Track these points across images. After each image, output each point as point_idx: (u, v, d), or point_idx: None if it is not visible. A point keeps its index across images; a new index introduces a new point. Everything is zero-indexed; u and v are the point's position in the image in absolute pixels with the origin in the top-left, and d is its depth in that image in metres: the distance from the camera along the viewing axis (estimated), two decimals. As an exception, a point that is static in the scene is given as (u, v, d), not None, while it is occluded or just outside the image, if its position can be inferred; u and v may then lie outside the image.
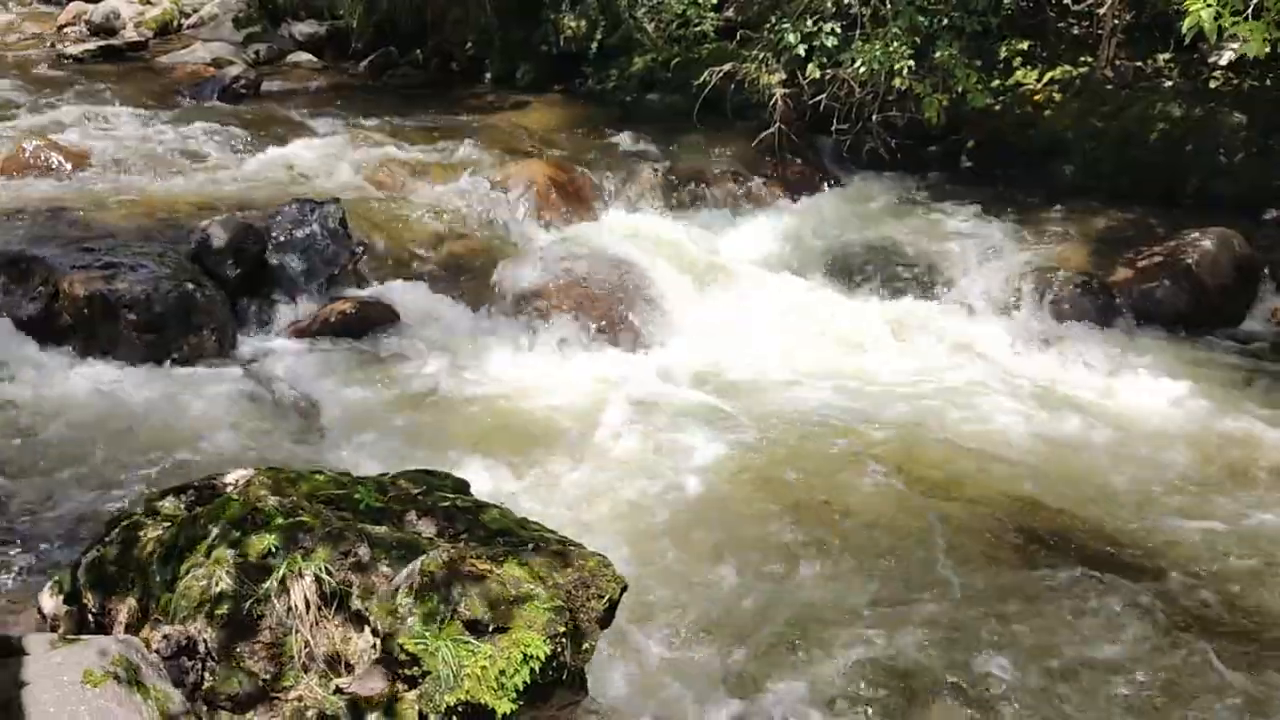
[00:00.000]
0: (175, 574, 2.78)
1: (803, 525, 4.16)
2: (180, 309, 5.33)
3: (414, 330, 5.85)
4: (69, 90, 9.12)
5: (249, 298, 5.83)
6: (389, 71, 10.27)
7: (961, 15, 7.60)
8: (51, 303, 5.35)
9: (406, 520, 2.96)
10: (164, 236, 6.03)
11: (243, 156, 7.59)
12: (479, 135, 8.37)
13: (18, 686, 2.21)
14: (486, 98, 9.56)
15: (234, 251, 5.86)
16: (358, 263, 6.29)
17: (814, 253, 6.85)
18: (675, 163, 7.85)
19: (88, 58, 10.17)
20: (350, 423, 4.92)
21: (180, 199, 6.67)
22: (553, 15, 9.48)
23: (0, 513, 3.92)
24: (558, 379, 5.44)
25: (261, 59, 10.31)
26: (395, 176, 7.46)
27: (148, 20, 10.97)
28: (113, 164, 7.20)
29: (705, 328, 6.04)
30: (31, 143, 7.22)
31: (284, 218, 6.21)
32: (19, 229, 6.08)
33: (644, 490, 4.31)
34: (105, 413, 4.68)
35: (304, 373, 5.29)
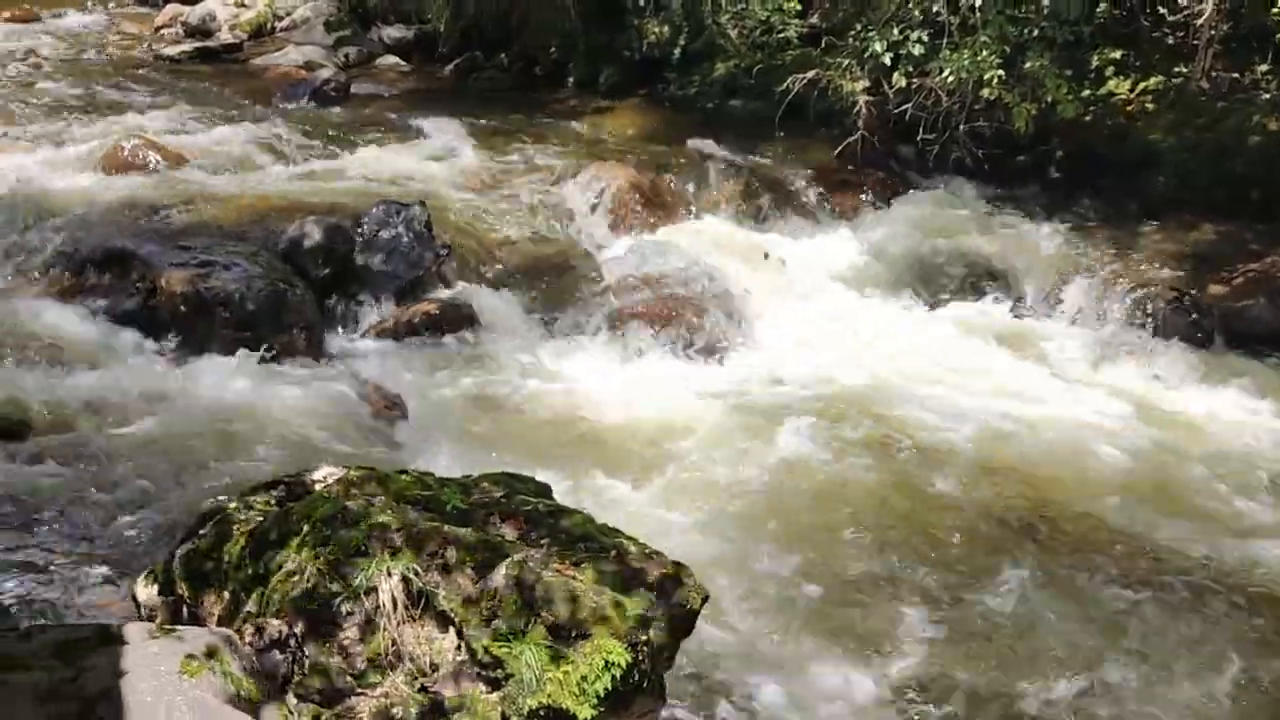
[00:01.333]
0: (267, 569, 2.84)
1: (882, 537, 4.14)
2: (272, 307, 5.46)
3: (493, 333, 5.93)
4: (166, 90, 9.39)
5: (336, 297, 5.96)
6: (474, 75, 10.40)
7: (1053, 24, 7.47)
8: (149, 298, 5.52)
9: (490, 523, 2.99)
10: (256, 235, 6.18)
11: (332, 158, 7.74)
12: (561, 139, 8.44)
13: (117, 675, 2.28)
14: (569, 102, 9.63)
15: (323, 252, 6.00)
16: (441, 265, 6.39)
17: (897, 263, 6.78)
18: (757, 169, 7.83)
19: (184, 59, 10.47)
20: (431, 423, 5.00)
21: (271, 199, 6.82)
22: (636, 20, 9.52)
23: (97, 503, 4.04)
24: (635, 385, 5.47)
25: (351, 62, 10.51)
26: (478, 179, 7.55)
27: (242, 23, 11.25)
28: (208, 164, 7.39)
29: (785, 336, 6.03)
30: (131, 141, 7.44)
31: (371, 219, 6.33)
32: (119, 225, 6.27)
33: (720, 498, 4.32)
34: (199, 407, 4.80)
35: (388, 372, 5.40)
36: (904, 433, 4.93)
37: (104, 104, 8.80)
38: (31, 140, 7.53)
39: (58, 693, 2.23)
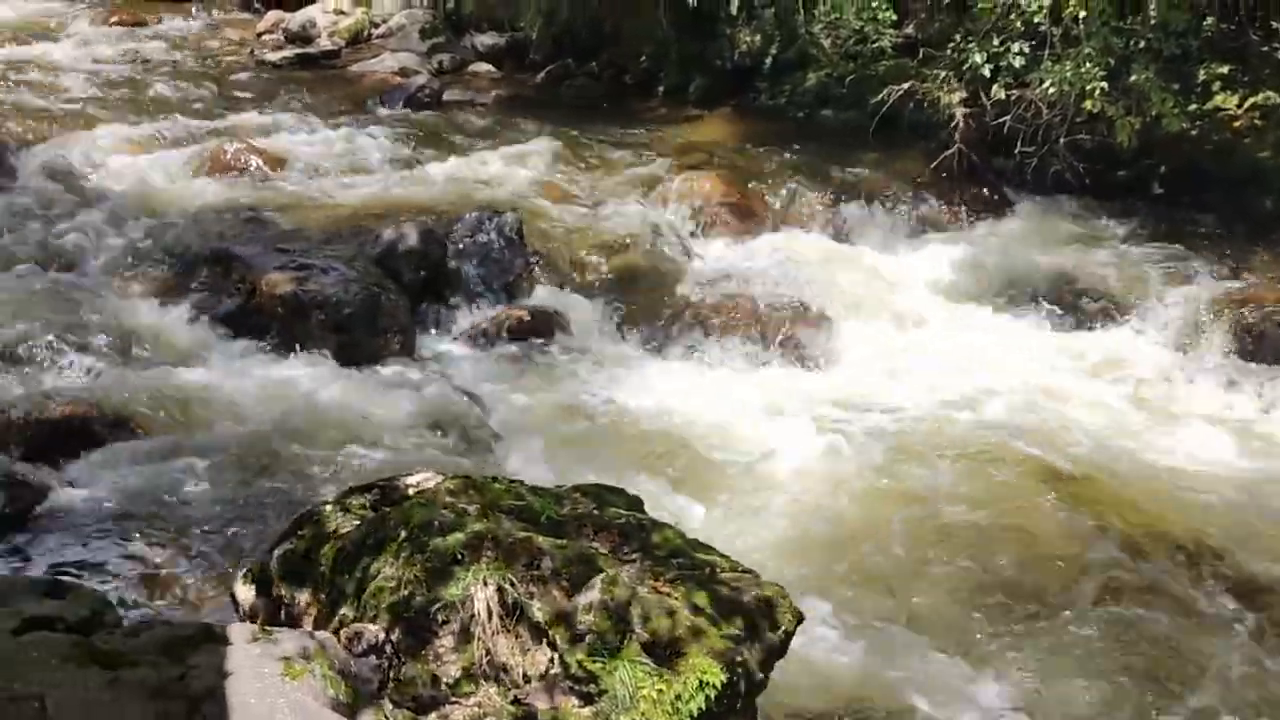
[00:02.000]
0: (364, 574, 2.88)
1: (975, 564, 4.04)
2: (368, 311, 5.56)
3: (582, 340, 5.97)
4: (267, 95, 9.64)
5: (429, 302, 6.05)
6: (565, 82, 10.48)
7: (1159, 37, 7.26)
8: (249, 299, 5.66)
9: (583, 535, 2.99)
10: (352, 239, 6.30)
11: (426, 163, 7.87)
12: (651, 148, 8.46)
13: (221, 675, 2.33)
14: (659, 110, 9.65)
15: (417, 257, 6.09)
16: (531, 271, 6.44)
17: (992, 278, 6.64)
18: (848, 181, 7.75)
19: (285, 64, 10.73)
20: (520, 429, 5.03)
21: (367, 203, 6.96)
22: (728, 30, 9.50)
23: (200, 499, 4.14)
24: (722, 396, 5.43)
25: (444, 69, 10.67)
26: (568, 187, 7.61)
27: (341, 29, 11.50)
28: (306, 168, 7.57)
29: (875, 350, 5.95)
30: (232, 145, 7.66)
31: (464, 226, 6.41)
32: (220, 228, 6.46)
33: (809, 517, 4.26)
34: (295, 407, 4.90)
35: (478, 378, 5.45)
36: (995, 455, 4.81)
37: (208, 107, 9.06)
38: (140, 142, 7.79)
39: (165, 690, 2.28)
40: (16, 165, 7.31)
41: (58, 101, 8.72)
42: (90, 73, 9.79)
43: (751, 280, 6.32)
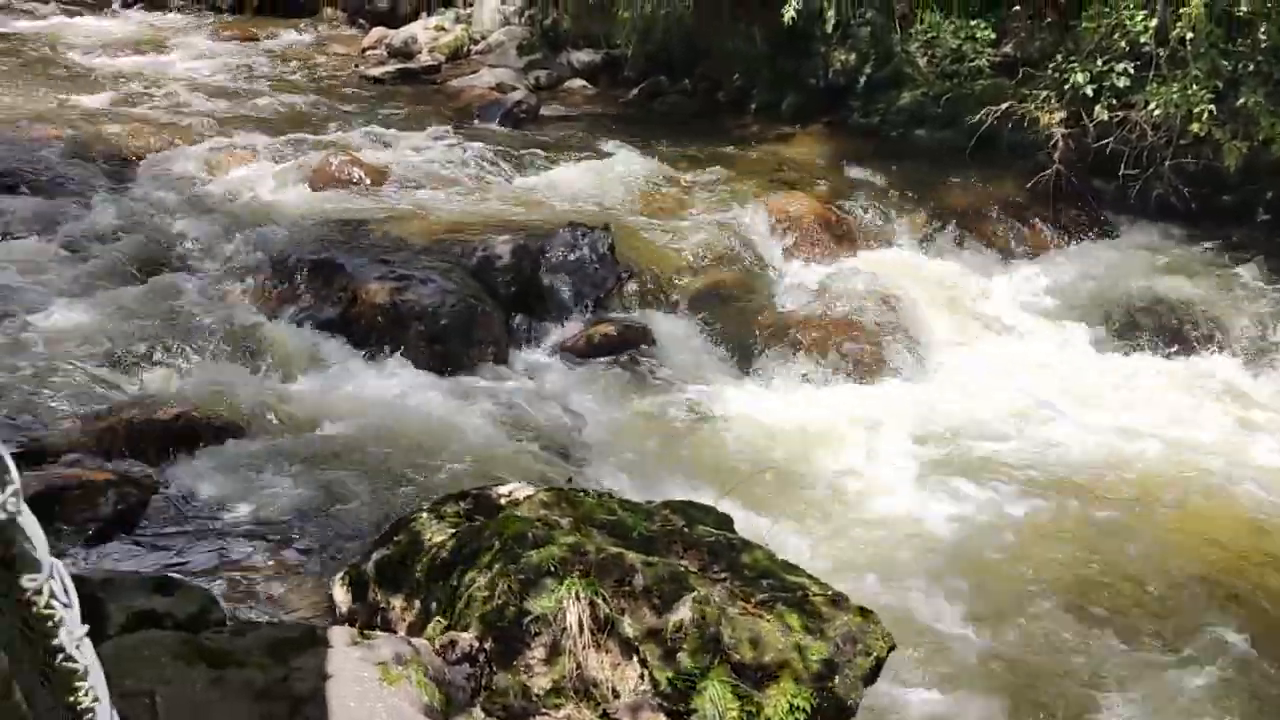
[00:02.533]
0: (459, 581, 2.95)
1: (1070, 598, 3.96)
2: (463, 322, 5.67)
3: (671, 356, 6.00)
4: (370, 108, 9.90)
5: (522, 315, 6.14)
6: (658, 99, 10.55)
7: (1269, 60, 7.04)
8: (350, 307, 5.82)
9: (673, 552, 3.02)
10: (450, 252, 6.43)
11: (521, 178, 7.99)
12: (743, 165, 8.47)
13: (323, 678, 2.40)
14: (751, 128, 9.65)
15: (511, 270, 6.20)
16: (622, 287, 6.50)
17: (1090, 302, 6.51)
18: (943, 201, 7.67)
19: (387, 79, 11.00)
20: (609, 442, 5.08)
21: (465, 217, 7.09)
22: (823, 48, 9.47)
23: (299, 502, 4.27)
24: (811, 414, 5.42)
25: (541, 84, 10.83)
26: (660, 203, 7.66)
27: (441, 45, 11.74)
28: (406, 180, 7.74)
29: (968, 373, 5.87)
30: (337, 157, 7.86)
31: (558, 240, 6.50)
32: (324, 237, 6.63)
33: (899, 542, 4.22)
34: (392, 414, 5.02)
35: (568, 390, 5.52)
36: (1093, 486, 4.72)
37: (314, 120, 9.33)
38: (250, 152, 8.04)
39: (270, 692, 2.36)
40: (133, 174, 7.63)
41: (172, 112, 9.07)
42: (203, 85, 10.16)
43: (842, 298, 6.29)
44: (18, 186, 7.16)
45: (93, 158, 7.82)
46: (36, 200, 6.99)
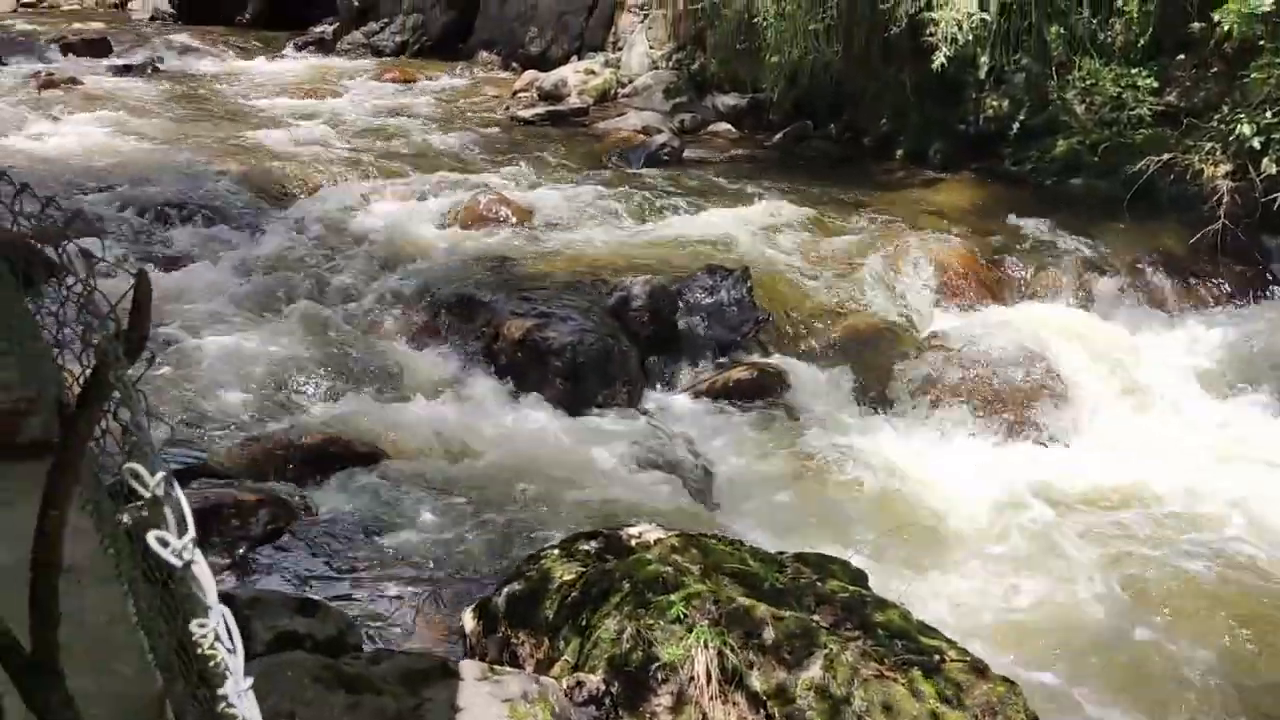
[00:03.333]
0: (587, 621, 2.95)
1: (1220, 671, 3.71)
2: (600, 361, 5.73)
3: (807, 402, 5.91)
4: (518, 149, 10.16)
5: (658, 355, 6.17)
6: (802, 144, 10.52)
7: None
8: (492, 343, 5.95)
9: (804, 605, 2.96)
10: (589, 291, 6.52)
11: (662, 219, 8.06)
12: (887, 211, 8.35)
13: (453, 710, 2.43)
14: (897, 174, 9.53)
15: (649, 311, 6.23)
16: (759, 331, 6.47)
17: (1257, 365, 6.14)
18: (1098, 254, 7.38)
19: (536, 120, 11.29)
20: (740, 488, 5.04)
21: (606, 256, 7.19)
22: (974, 94, 9.29)
23: (434, 531, 4.36)
24: (950, 470, 5.26)
25: (685, 128, 10.94)
26: (801, 248, 7.59)
27: (589, 88, 12.00)
28: (551, 219, 7.90)
29: (1120, 435, 5.61)
30: (485, 196, 8.09)
31: (696, 283, 6.52)
32: (470, 273, 6.81)
33: (1043, 606, 4.04)
34: (528, 448, 5.10)
35: (702, 433, 5.50)
36: (1257, 561, 4.42)
37: (465, 159, 9.63)
38: (404, 190, 8.35)
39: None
40: (296, 207, 8.00)
41: (334, 150, 9.50)
42: (364, 125, 10.62)
43: (990, 351, 6.10)
44: (192, 216, 7.60)
45: (260, 191, 8.25)
46: (208, 229, 7.41)
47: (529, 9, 14.07)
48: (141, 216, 7.45)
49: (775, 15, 9.87)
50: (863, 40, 9.78)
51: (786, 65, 10.02)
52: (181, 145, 9.30)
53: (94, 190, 7.80)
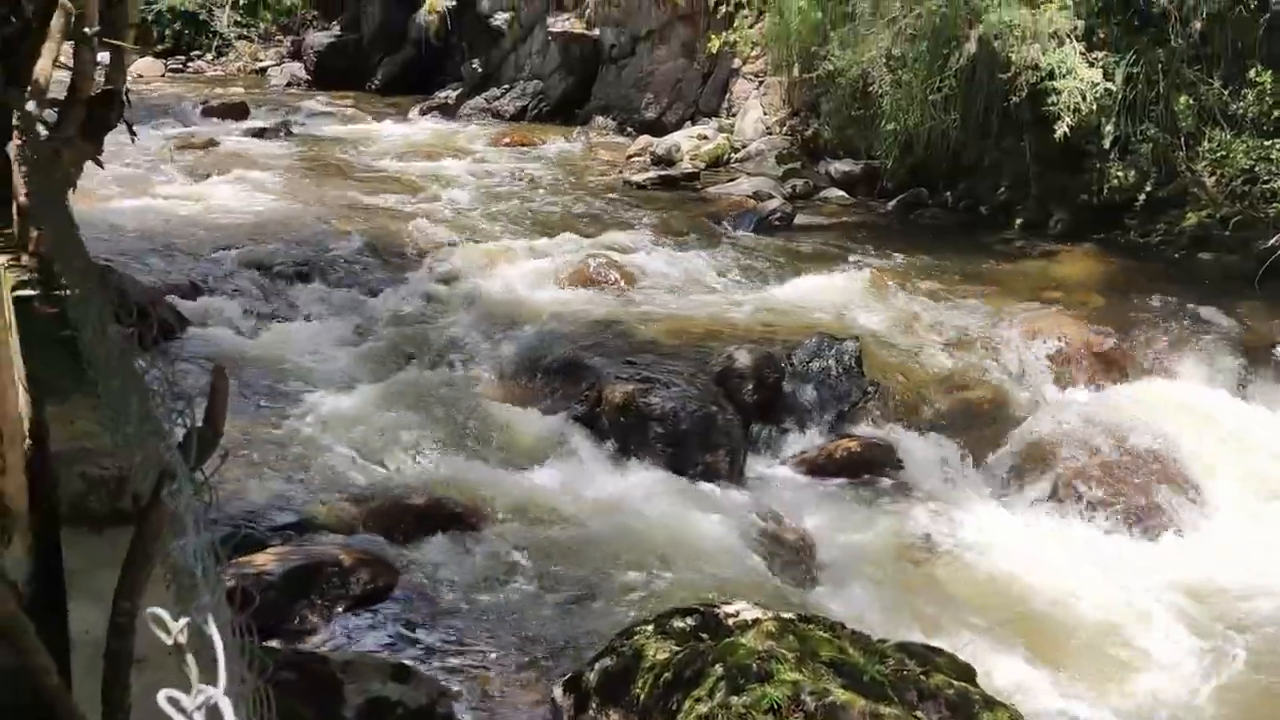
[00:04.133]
0: (678, 705, 2.87)
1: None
2: (702, 428, 5.68)
3: (915, 479, 5.75)
4: (630, 213, 10.26)
5: (762, 424, 6.08)
6: (917, 211, 10.38)
7: None
8: (595, 406, 5.95)
9: (906, 701, 2.83)
10: (694, 356, 6.49)
11: (770, 285, 8.01)
12: (1004, 282, 8.15)
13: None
14: (1015, 244, 9.30)
15: (754, 378, 6.17)
16: (868, 402, 6.33)
17: (1406, 456, 5.75)
18: (1228, 331, 7.03)
19: (649, 185, 11.39)
20: (843, 568, 4.90)
21: (711, 321, 7.16)
22: (1098, 164, 9.04)
23: (530, 598, 4.34)
24: (1067, 557, 5.02)
25: (797, 193, 10.90)
26: (914, 317, 7.44)
27: (702, 154, 12.08)
28: (659, 283, 7.93)
29: (1251, 525, 5.28)
30: (595, 259, 8.17)
31: (803, 350, 6.43)
32: (576, 336, 6.86)
33: (1167, 710, 3.79)
34: (627, 516, 5.06)
35: (805, 507, 5.38)
36: None
37: (577, 222, 9.76)
38: (515, 251, 8.50)
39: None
40: (413, 267, 8.20)
41: (452, 212, 9.75)
42: (481, 187, 10.88)
43: (1112, 431, 5.85)
44: (315, 275, 7.86)
45: (380, 251, 8.49)
46: (327, 289, 7.64)
47: (645, 76, 14.30)
48: (268, 275, 7.73)
49: (891, 83, 9.82)
50: (981, 109, 9.64)
51: (902, 132, 9.94)
52: (308, 205, 9.66)
53: (224, 247, 8.14)
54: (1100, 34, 8.94)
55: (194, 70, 20.29)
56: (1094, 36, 8.86)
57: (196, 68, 20.51)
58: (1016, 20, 8.70)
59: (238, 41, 21.39)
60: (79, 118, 2.94)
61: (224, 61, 20.87)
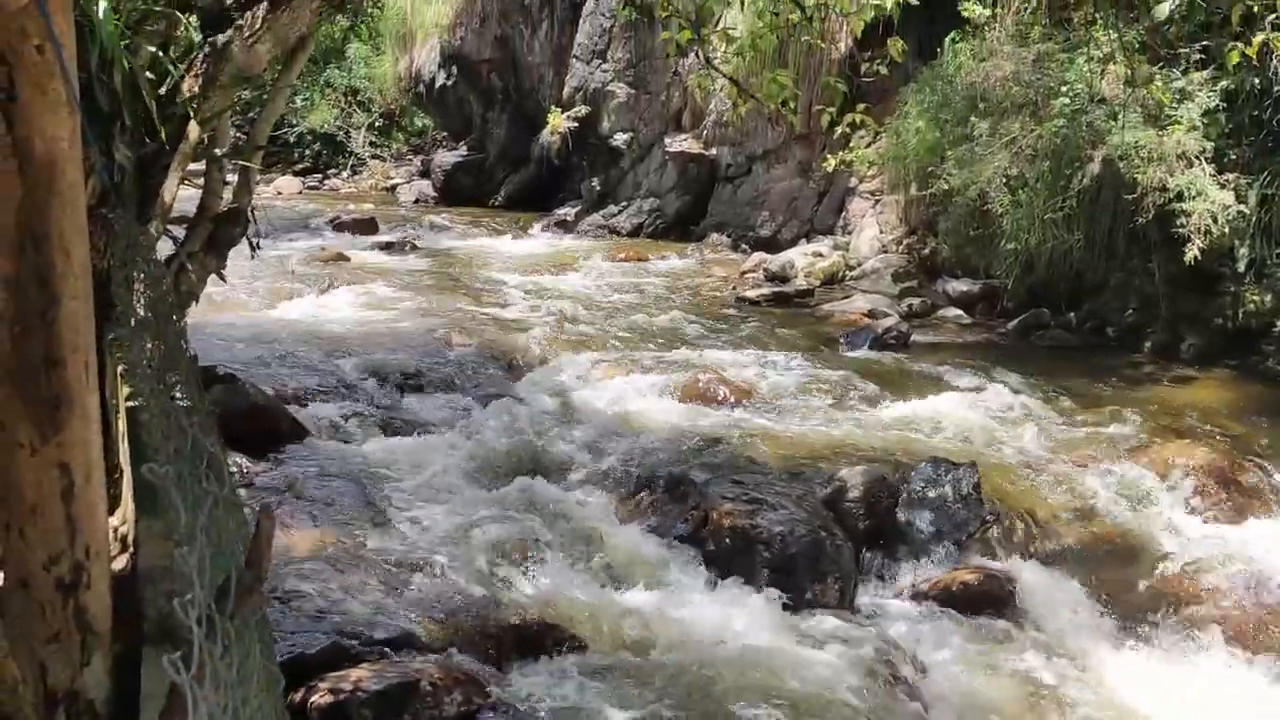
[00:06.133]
0: None
1: None
2: (811, 554, 5.49)
3: (1040, 616, 5.43)
4: (742, 329, 10.25)
5: (873, 551, 5.86)
6: (1037, 332, 10.10)
7: None
8: (701, 526, 5.82)
9: None
10: (804, 477, 6.32)
11: (885, 406, 7.82)
12: (1131, 408, 7.79)
13: None
14: (1143, 369, 8.93)
15: (866, 503, 5.97)
16: (987, 531, 6.05)
17: None
18: (1382, 466, 6.57)
19: (762, 301, 11.39)
20: (957, 710, 4.61)
21: (822, 442, 7.00)
22: (1233, 287, 8.67)
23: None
24: (1205, 709, 4.63)
25: (913, 312, 10.74)
26: (1035, 443, 7.15)
27: (817, 271, 12.06)
28: (770, 401, 7.83)
29: None
30: (705, 375, 8.13)
31: (918, 475, 6.22)
32: (684, 452, 6.77)
33: None
34: (730, 643, 4.87)
35: (919, 642, 5.10)
36: None
37: (689, 337, 9.78)
38: (627, 365, 8.52)
39: None
40: (524, 379, 8.30)
41: (565, 325, 9.88)
42: (595, 301, 11.04)
43: (1253, 571, 5.46)
44: (428, 385, 8.01)
45: (494, 362, 8.63)
46: (439, 399, 7.76)
47: (761, 194, 14.45)
48: (382, 384, 7.89)
49: (1011, 203, 9.68)
50: (1106, 229, 9.41)
51: (1022, 252, 9.75)
52: (426, 316, 9.92)
53: (343, 356, 8.38)
54: (1232, 155, 8.68)
55: (329, 188, 21.37)
56: (1225, 158, 8.61)
57: (332, 185, 21.60)
58: (1142, 141, 8.52)
59: (371, 161, 22.49)
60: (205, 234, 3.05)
61: (357, 179, 21.95)
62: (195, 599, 0.80)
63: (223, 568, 0.97)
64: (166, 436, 1.63)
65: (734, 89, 5.52)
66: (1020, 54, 9.90)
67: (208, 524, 1.06)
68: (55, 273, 1.57)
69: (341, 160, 22.45)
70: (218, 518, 1.05)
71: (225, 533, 1.05)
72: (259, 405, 6.60)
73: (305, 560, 5.06)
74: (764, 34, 4.96)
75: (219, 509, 1.06)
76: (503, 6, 18.36)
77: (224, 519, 1.08)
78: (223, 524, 1.08)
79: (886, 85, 12.36)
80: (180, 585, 1.06)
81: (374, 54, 22.23)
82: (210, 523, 1.07)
